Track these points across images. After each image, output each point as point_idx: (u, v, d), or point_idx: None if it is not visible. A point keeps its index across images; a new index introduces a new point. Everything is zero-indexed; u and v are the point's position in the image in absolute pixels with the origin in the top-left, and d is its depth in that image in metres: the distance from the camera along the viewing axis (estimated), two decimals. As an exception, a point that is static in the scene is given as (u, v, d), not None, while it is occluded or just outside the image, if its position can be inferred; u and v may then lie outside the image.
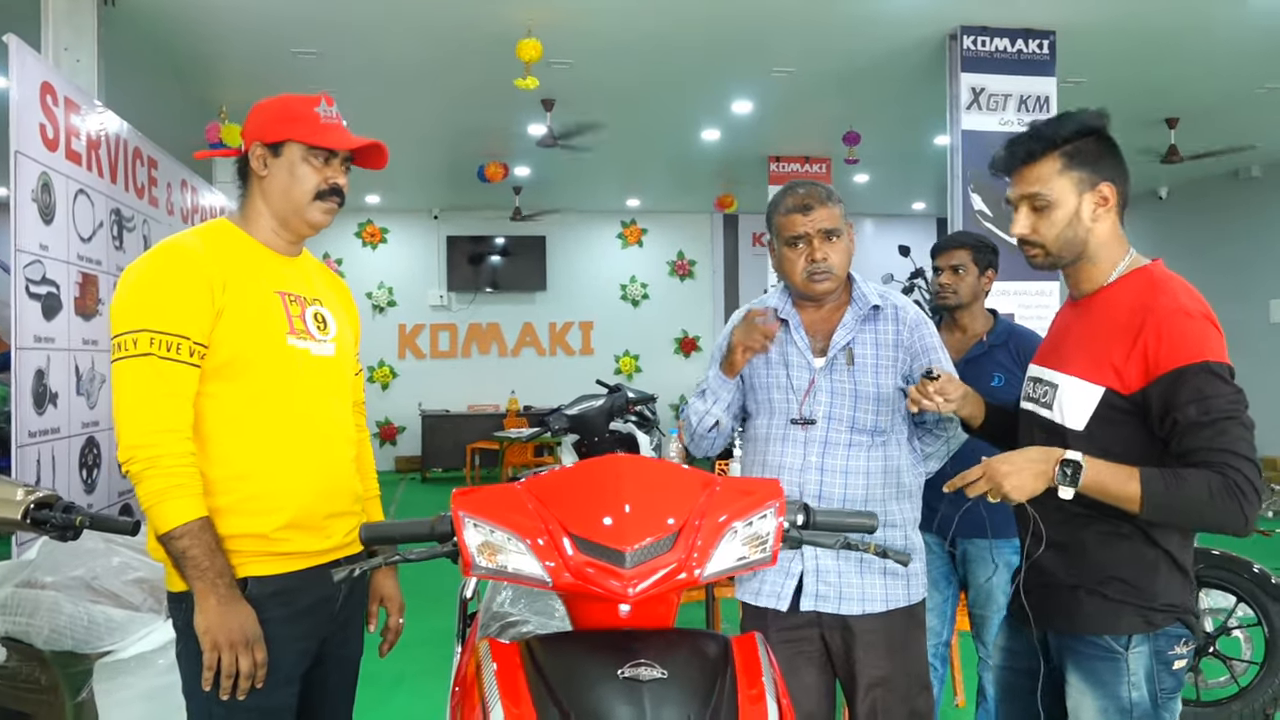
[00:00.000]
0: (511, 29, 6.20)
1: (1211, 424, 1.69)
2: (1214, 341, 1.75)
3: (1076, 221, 1.89)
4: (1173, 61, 7.14)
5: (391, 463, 12.99)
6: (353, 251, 12.92)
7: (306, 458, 1.96)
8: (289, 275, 2.05)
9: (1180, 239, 11.88)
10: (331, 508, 2.00)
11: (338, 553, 2.01)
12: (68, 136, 4.55)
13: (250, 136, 2.00)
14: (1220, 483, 1.66)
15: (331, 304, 2.13)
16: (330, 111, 2.02)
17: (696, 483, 1.60)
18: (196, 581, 1.79)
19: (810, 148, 9.94)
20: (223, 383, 1.89)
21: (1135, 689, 1.82)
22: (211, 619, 1.78)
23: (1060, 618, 1.91)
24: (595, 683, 1.38)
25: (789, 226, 2.29)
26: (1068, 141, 1.87)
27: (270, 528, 1.90)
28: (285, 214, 2.02)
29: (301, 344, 1.99)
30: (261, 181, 2.00)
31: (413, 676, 4.63)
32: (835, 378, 2.30)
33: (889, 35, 6.56)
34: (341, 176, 2.04)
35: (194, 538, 1.78)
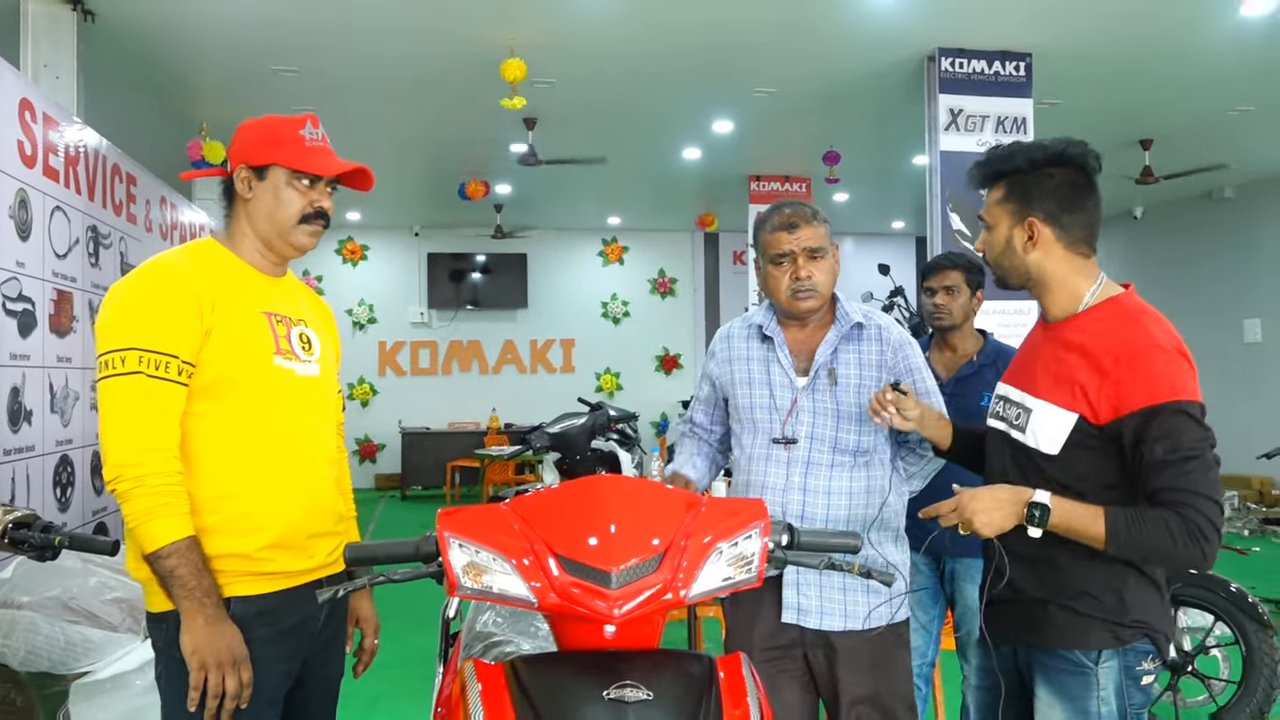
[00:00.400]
0: (493, 49, 6.22)
1: (1177, 464, 1.73)
2: (1185, 379, 1.78)
3: (1010, 250, 1.98)
4: (1147, 84, 7.25)
5: (371, 480, 12.92)
6: (333, 268, 12.88)
7: (291, 478, 1.96)
8: (275, 296, 2.05)
9: (1155, 259, 12.02)
10: (315, 528, 2.00)
11: (320, 572, 2.01)
12: (45, 153, 4.52)
13: (235, 158, 2.00)
14: (1180, 525, 1.72)
15: (315, 325, 2.13)
16: (316, 134, 2.02)
17: (682, 503, 1.60)
18: (184, 601, 1.78)
19: (791, 167, 10.01)
20: (209, 402, 1.89)
21: (1105, 703, 1.84)
22: (199, 639, 1.77)
23: (1029, 632, 1.93)
24: (580, 704, 1.37)
25: (775, 244, 2.31)
26: (1010, 174, 1.97)
27: (254, 547, 1.89)
28: (270, 236, 2.02)
29: (287, 364, 1.99)
30: (247, 204, 2.00)
31: (390, 697, 4.59)
32: (817, 397, 2.31)
33: (868, 57, 6.63)
34: (326, 200, 2.04)
35: (181, 557, 1.77)
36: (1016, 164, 1.95)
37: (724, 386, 2.45)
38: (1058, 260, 1.95)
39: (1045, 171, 1.94)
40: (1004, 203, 1.97)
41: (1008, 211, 1.97)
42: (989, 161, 2.01)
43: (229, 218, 2.05)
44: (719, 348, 2.49)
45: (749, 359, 2.40)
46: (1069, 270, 1.95)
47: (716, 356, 2.48)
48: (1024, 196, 1.95)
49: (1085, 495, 1.83)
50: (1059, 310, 1.96)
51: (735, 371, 2.42)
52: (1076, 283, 1.95)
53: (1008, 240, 1.97)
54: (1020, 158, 1.95)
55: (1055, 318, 1.98)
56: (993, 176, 2.00)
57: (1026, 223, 1.94)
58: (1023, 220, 1.94)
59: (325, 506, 2.04)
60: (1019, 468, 1.94)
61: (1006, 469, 1.97)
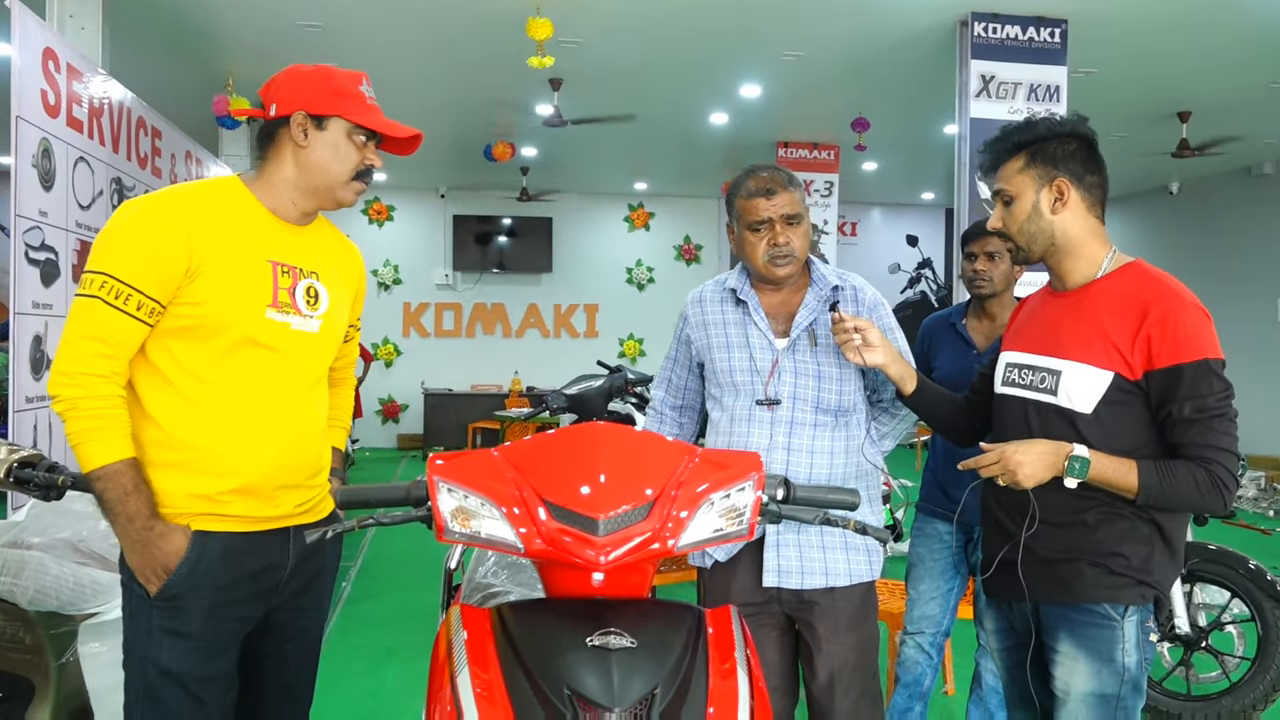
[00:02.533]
0: (520, 6, 6.16)
1: (1203, 421, 1.86)
2: (1211, 336, 1.89)
3: (1036, 215, 2.03)
4: (1186, 55, 7.07)
5: (394, 440, 13.02)
6: (359, 228, 12.90)
7: (264, 430, 1.93)
8: (290, 245, 1.99)
9: (1190, 235, 11.81)
10: (283, 480, 1.96)
11: (285, 520, 1.98)
12: (69, 103, 4.54)
13: (293, 103, 1.93)
14: (1206, 477, 1.86)
15: (329, 277, 2.06)
16: (371, 92, 2.00)
17: (676, 453, 1.59)
18: (112, 524, 1.81)
19: (819, 133, 9.88)
20: (192, 343, 1.87)
21: (1128, 655, 1.94)
22: (135, 561, 1.82)
23: (1057, 588, 1.99)
24: (564, 650, 1.37)
25: (752, 211, 2.31)
26: (1031, 144, 2.03)
27: (215, 490, 1.88)
28: (317, 188, 1.98)
29: (282, 318, 1.94)
30: (299, 152, 1.95)
31: (402, 650, 4.64)
32: (798, 358, 2.32)
33: (899, 20, 6.51)
34: (377, 159, 2.03)
35: (109, 480, 1.78)
36: (1038, 132, 2.02)
37: (700, 350, 2.45)
38: (1081, 222, 2.02)
39: (1065, 139, 2.03)
40: (1028, 169, 2.03)
41: (1032, 177, 2.02)
42: (1006, 135, 2.07)
43: (265, 161, 1.99)
44: (691, 312, 2.48)
45: (724, 322, 2.40)
46: (1089, 233, 2.03)
47: (690, 321, 2.48)
48: (1048, 160, 2.01)
49: (1119, 450, 1.91)
50: (1079, 276, 2.03)
51: (711, 336, 2.41)
52: (1095, 248, 2.03)
53: (1034, 205, 2.02)
54: (1040, 127, 2.03)
55: (1075, 283, 2.04)
56: (1012, 149, 2.05)
57: (1055, 184, 2.00)
58: (1050, 182, 2.01)
59: (299, 461, 2.00)
60: (1046, 429, 1.99)
61: (1034, 433, 2.00)
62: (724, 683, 1.41)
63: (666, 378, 2.58)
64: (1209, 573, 3.77)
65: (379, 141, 2.03)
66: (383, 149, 2.06)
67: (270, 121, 1.96)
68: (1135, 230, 12.53)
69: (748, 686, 1.43)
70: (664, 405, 2.59)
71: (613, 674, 1.34)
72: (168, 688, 1.84)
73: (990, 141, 2.11)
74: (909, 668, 3.16)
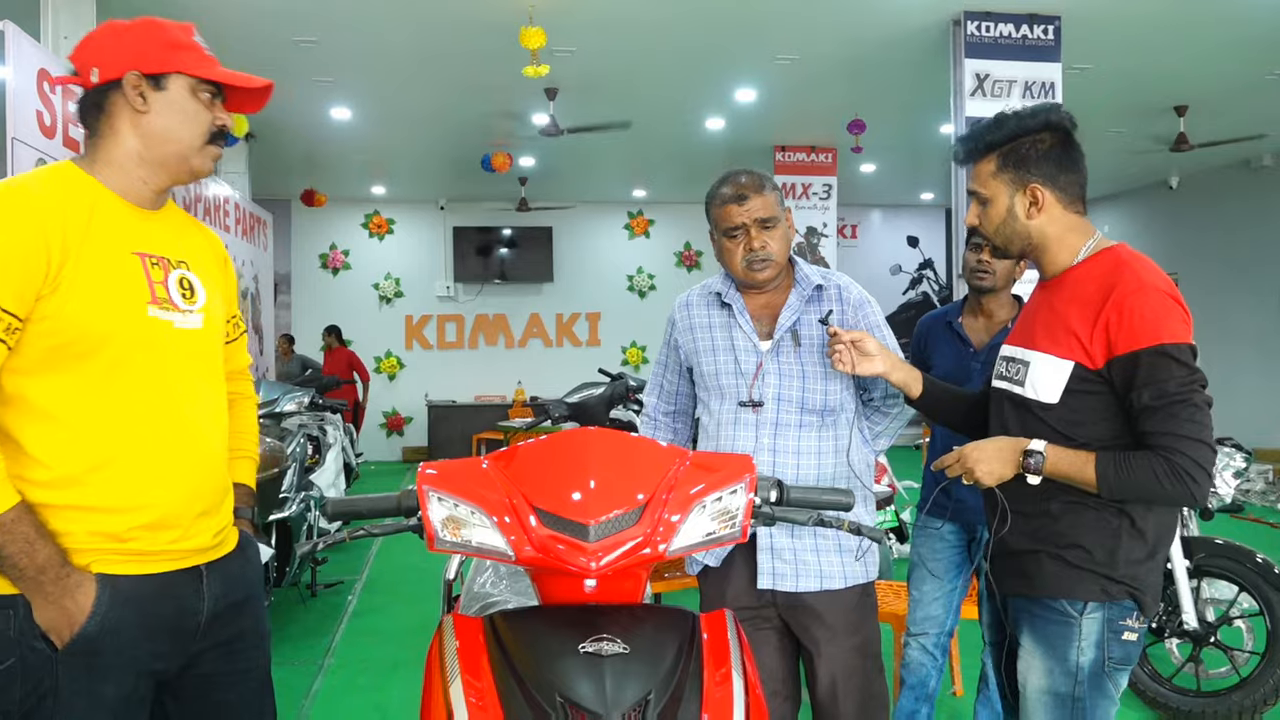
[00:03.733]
0: (513, 16, 6.17)
1: (1163, 408, 1.77)
2: (1172, 320, 1.79)
3: (1011, 219, 1.98)
4: (1181, 48, 7.06)
5: (399, 453, 13.02)
6: (359, 242, 12.94)
7: (171, 450, 1.67)
8: (150, 233, 1.71)
9: (1191, 229, 11.78)
10: (198, 505, 1.71)
11: (198, 558, 1.72)
12: (65, 123, 4.55)
13: (119, 65, 1.64)
14: (1165, 467, 1.77)
15: (199, 266, 1.80)
16: (203, 41, 1.74)
17: (666, 457, 1.58)
18: (19, 582, 1.53)
19: (815, 136, 9.89)
20: (71, 362, 1.58)
21: (1084, 654, 1.87)
22: (49, 615, 1.55)
23: (1020, 582, 1.95)
24: (556, 657, 1.36)
25: (725, 218, 2.30)
26: (1002, 144, 1.96)
27: (123, 527, 1.61)
28: (166, 158, 1.69)
29: (164, 315, 1.68)
30: (139, 119, 1.66)
31: (407, 663, 4.62)
32: (782, 360, 2.31)
33: (892, 21, 6.51)
34: (229, 118, 1.75)
35: (7, 534, 1.50)
36: (1008, 131, 1.95)
37: (688, 354, 2.45)
38: (1057, 221, 1.96)
39: (1038, 137, 1.95)
40: (1000, 173, 1.97)
41: (1005, 182, 1.97)
42: (976, 135, 2.00)
43: (96, 137, 1.68)
44: (679, 316, 2.48)
45: (710, 326, 2.40)
46: (1066, 229, 1.97)
47: (677, 325, 2.47)
48: (1020, 164, 1.95)
49: (1085, 442, 1.86)
50: (1057, 267, 1.98)
51: (698, 339, 2.41)
52: (1073, 240, 1.96)
53: (1009, 210, 1.97)
54: (1010, 126, 1.96)
55: (1051, 275, 1.99)
56: (983, 149, 1.99)
57: (1029, 190, 1.95)
58: (1024, 188, 1.95)
59: (213, 480, 1.76)
60: (1019, 421, 1.95)
61: (1007, 424, 1.98)
62: (719, 688, 1.40)
63: (658, 383, 2.57)
64: (1217, 567, 3.74)
65: (223, 99, 1.76)
66: (230, 109, 1.78)
67: (95, 90, 1.66)
68: (1137, 225, 12.51)
69: (743, 691, 1.42)
70: (656, 411, 2.58)
71: (605, 680, 1.32)
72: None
73: (962, 138, 2.05)
74: (914, 669, 3.14)
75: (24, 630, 1.55)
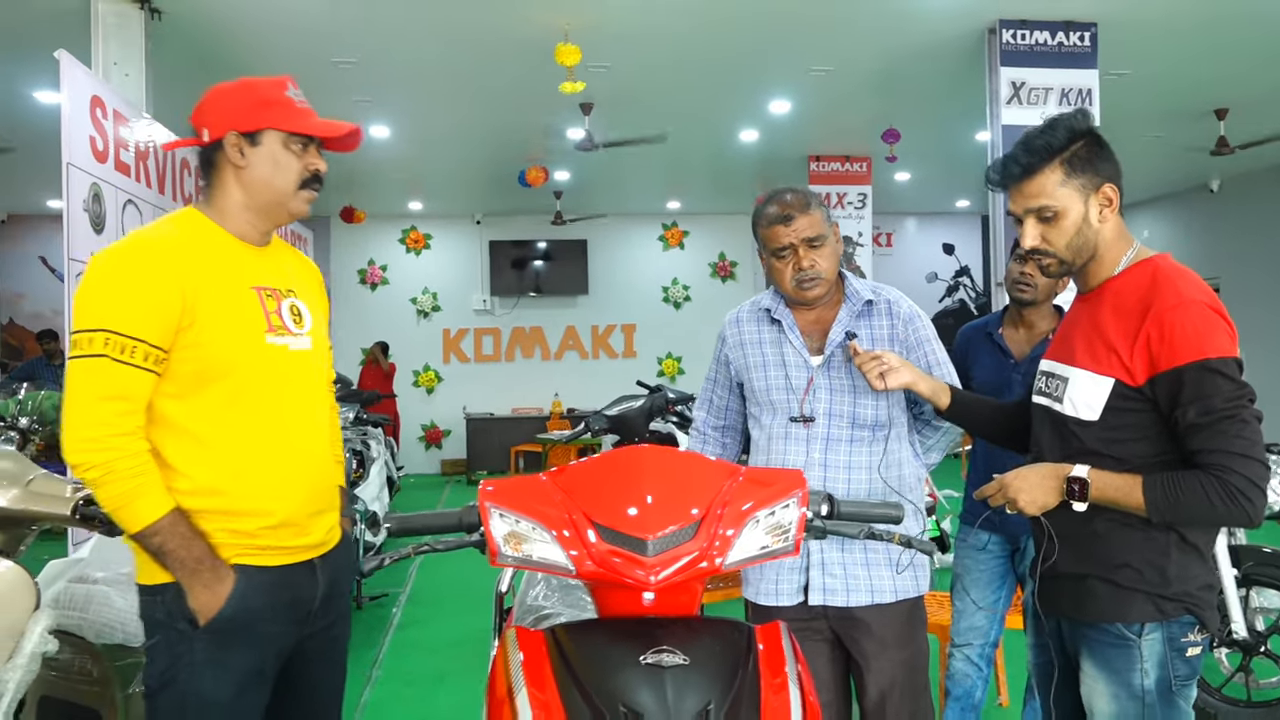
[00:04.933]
0: (548, 33, 6.25)
1: (1210, 425, 1.72)
2: (1215, 334, 1.74)
3: (1086, 226, 1.90)
4: (1220, 51, 7.00)
5: (437, 465, 13.14)
6: (397, 257, 13.09)
7: (292, 460, 1.93)
8: (263, 268, 1.97)
9: (1234, 233, 11.63)
10: (313, 506, 1.98)
11: (315, 550, 1.99)
12: (117, 148, 4.67)
13: (222, 125, 1.91)
14: (1218, 487, 1.71)
15: (305, 293, 2.06)
16: (299, 94, 1.96)
17: (719, 473, 1.62)
18: (179, 572, 1.80)
19: (850, 146, 9.89)
20: (205, 385, 1.84)
21: (1147, 676, 1.83)
22: (203, 600, 1.81)
23: (1074, 607, 1.92)
24: (618, 668, 1.40)
25: (773, 239, 2.32)
26: (1063, 150, 1.89)
27: (255, 527, 1.88)
28: (267, 204, 1.95)
29: (280, 340, 1.93)
30: (240, 173, 1.92)
31: (453, 675, 4.68)
32: (833, 375, 2.33)
33: (927, 30, 6.52)
34: (322, 163, 1.99)
35: (167, 533, 1.77)
36: (1060, 138, 1.87)
37: (739, 370, 2.47)
38: (1114, 226, 1.92)
39: (1094, 139, 1.90)
40: (1070, 180, 1.88)
41: (1077, 188, 1.88)
42: (1030, 146, 1.90)
43: (211, 188, 1.96)
44: (729, 333, 2.50)
45: (761, 342, 2.42)
46: (1118, 235, 1.92)
47: (728, 341, 2.50)
48: (1088, 167, 1.88)
49: (1126, 460, 1.82)
50: (1099, 278, 1.93)
51: (748, 355, 2.43)
52: (1120, 247, 1.92)
53: (1083, 218, 1.89)
54: (1062, 133, 1.87)
55: (1091, 286, 1.95)
56: (1045, 157, 1.88)
57: (1102, 191, 1.89)
58: (1097, 189, 1.89)
59: (324, 484, 2.02)
60: (1059, 438, 1.93)
61: (1047, 441, 1.96)
62: (776, 697, 1.43)
63: (708, 398, 2.60)
64: (1266, 576, 3.70)
65: (320, 144, 1.99)
66: (328, 149, 2.02)
67: (207, 148, 1.94)
68: (1178, 229, 12.37)
69: (800, 700, 1.45)
70: (706, 426, 2.61)
71: (667, 691, 1.36)
72: (210, 718, 1.84)
73: (1012, 156, 1.92)
74: (959, 680, 3.14)
75: (170, 613, 1.83)
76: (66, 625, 2.44)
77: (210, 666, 1.83)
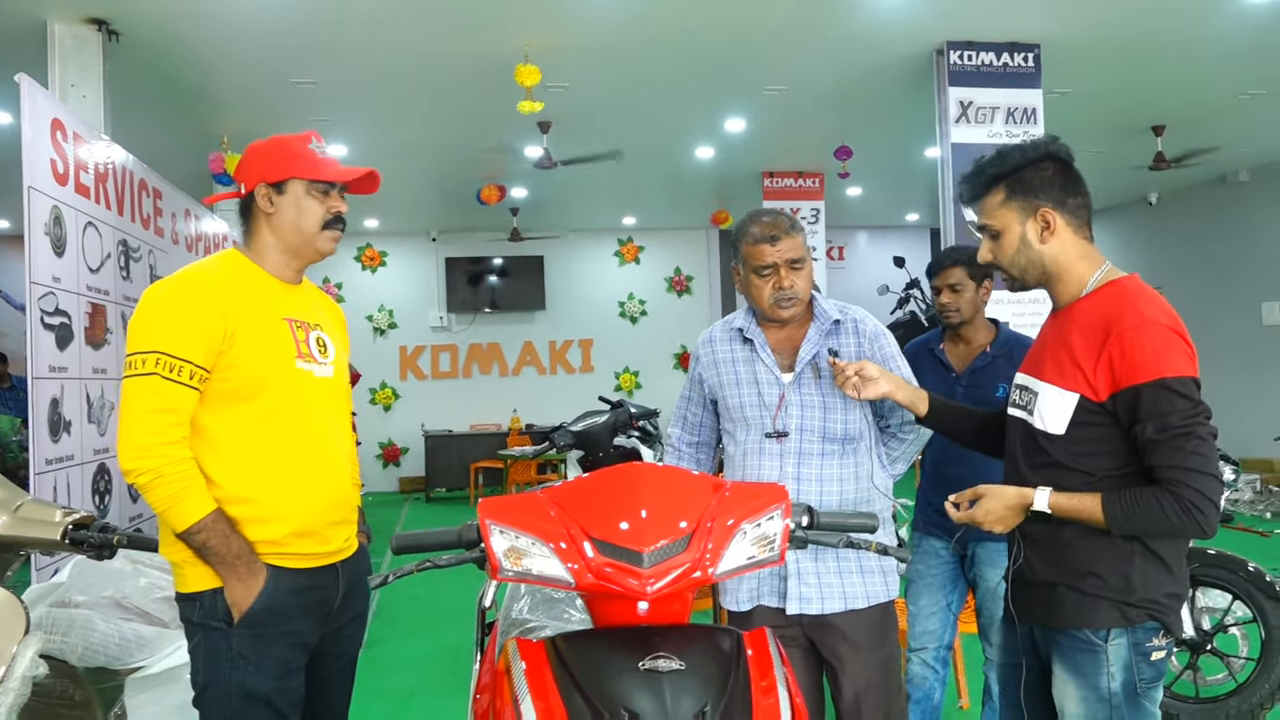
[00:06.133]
0: (507, 53, 6.32)
1: (1166, 442, 1.82)
2: (1173, 354, 1.83)
3: (1025, 246, 2.02)
4: (1157, 70, 7.27)
5: (395, 484, 13.06)
6: (352, 275, 13.03)
7: (314, 473, 2.14)
8: (294, 303, 2.22)
9: (1172, 245, 12.01)
10: (334, 517, 2.19)
11: (335, 556, 2.20)
12: (77, 170, 4.65)
13: (253, 178, 2.18)
14: (1173, 502, 1.82)
15: (329, 329, 2.31)
16: (322, 147, 2.23)
17: (707, 488, 1.70)
18: (218, 566, 2.02)
19: (803, 163, 10.07)
20: (239, 403, 2.07)
21: (1113, 679, 1.91)
22: (238, 593, 2.03)
23: (1044, 613, 2.01)
24: (618, 674, 1.47)
25: (757, 256, 2.41)
26: (1008, 175, 2.02)
27: (281, 534, 2.09)
28: (296, 245, 2.20)
29: (307, 367, 2.17)
30: (270, 219, 2.18)
31: (423, 691, 4.70)
32: (804, 391, 2.42)
33: (877, 51, 6.69)
34: (342, 204, 2.24)
35: (209, 530, 1.99)
36: (1012, 163, 2.01)
37: (713, 388, 2.56)
38: (1068, 247, 2.01)
39: (1040, 165, 2.00)
40: (1009, 203, 2.01)
41: (1015, 209, 2.01)
42: (980, 170, 2.06)
43: (249, 233, 2.23)
44: (703, 351, 2.59)
45: (734, 360, 2.51)
46: (1077, 255, 2.01)
47: (702, 360, 2.59)
48: (1027, 190, 2.00)
49: (1091, 474, 1.92)
50: (1067, 298, 2.02)
51: (722, 374, 2.52)
52: (1083, 269, 2.00)
53: (1021, 238, 2.01)
54: (1013, 157, 2.01)
55: (1062, 305, 2.05)
56: (988, 182, 2.04)
57: (1040, 215, 1.99)
58: (1034, 213, 1.99)
59: (343, 497, 2.22)
60: (1026, 451, 2.03)
61: (1017, 453, 2.06)
62: (766, 699, 1.51)
63: (683, 415, 2.68)
64: (1210, 576, 3.85)
65: (343, 190, 2.24)
66: (351, 192, 2.28)
67: (244, 199, 2.21)
68: (1118, 242, 12.73)
69: (788, 702, 1.53)
70: (681, 442, 2.69)
71: (665, 694, 1.44)
72: (254, 707, 2.04)
73: (966, 176, 2.09)
74: (918, 684, 3.25)
75: (206, 615, 2.05)
76: (49, 649, 2.44)
77: (248, 660, 2.03)
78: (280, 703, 2.07)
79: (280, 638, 2.07)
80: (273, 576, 2.06)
